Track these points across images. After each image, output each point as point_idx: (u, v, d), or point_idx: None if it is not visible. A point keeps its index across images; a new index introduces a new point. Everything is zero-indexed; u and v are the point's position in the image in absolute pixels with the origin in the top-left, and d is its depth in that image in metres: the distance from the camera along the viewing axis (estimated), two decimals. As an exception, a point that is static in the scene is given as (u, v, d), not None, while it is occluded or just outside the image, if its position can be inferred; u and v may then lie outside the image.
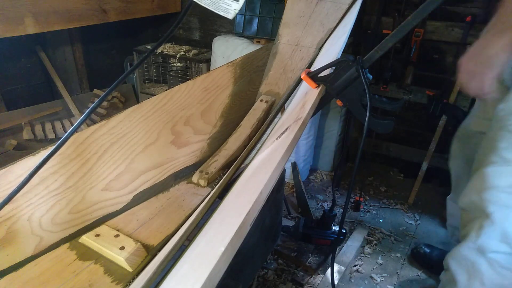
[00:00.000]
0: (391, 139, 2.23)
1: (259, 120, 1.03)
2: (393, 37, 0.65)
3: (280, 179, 1.23)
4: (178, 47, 2.79)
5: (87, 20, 2.21)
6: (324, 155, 2.39)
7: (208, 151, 0.98)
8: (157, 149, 0.85)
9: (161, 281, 0.53)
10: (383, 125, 0.70)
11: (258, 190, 0.44)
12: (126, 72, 0.64)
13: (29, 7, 1.87)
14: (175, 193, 0.86)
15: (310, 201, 2.05)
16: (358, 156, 0.78)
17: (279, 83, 1.11)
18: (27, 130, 2.20)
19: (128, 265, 0.64)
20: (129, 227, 0.74)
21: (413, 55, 1.93)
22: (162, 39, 0.70)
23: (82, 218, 0.72)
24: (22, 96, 2.40)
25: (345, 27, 0.96)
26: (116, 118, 0.77)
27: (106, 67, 2.84)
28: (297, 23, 1.14)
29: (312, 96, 0.71)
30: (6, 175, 0.62)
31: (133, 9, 2.48)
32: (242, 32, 2.38)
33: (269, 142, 0.76)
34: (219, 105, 1.01)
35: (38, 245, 0.66)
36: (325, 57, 0.91)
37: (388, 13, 2.00)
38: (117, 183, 0.78)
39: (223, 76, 1.01)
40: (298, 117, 0.66)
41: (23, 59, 2.38)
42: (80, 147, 0.71)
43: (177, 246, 0.61)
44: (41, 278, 0.61)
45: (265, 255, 1.50)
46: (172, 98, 0.88)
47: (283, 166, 0.54)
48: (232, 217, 0.45)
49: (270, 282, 1.49)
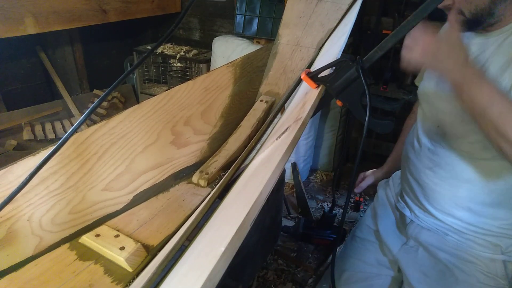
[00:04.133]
0: (391, 139, 2.23)
1: (259, 120, 1.03)
2: (393, 37, 0.65)
3: (280, 179, 1.23)
4: (178, 48, 2.79)
5: (87, 21, 2.21)
6: (324, 155, 2.39)
7: (208, 151, 0.98)
8: (157, 149, 0.85)
9: (161, 281, 0.53)
10: (383, 125, 0.70)
11: (258, 190, 0.44)
12: (126, 72, 0.64)
13: (29, 7, 1.88)
14: (175, 193, 0.86)
15: (310, 201, 2.05)
16: (358, 156, 0.78)
17: (279, 83, 1.11)
18: (27, 131, 2.20)
19: (128, 265, 0.64)
20: (129, 227, 0.74)
21: (413, 55, 1.93)
22: (162, 38, 0.70)
23: (82, 218, 0.73)
24: (22, 96, 2.41)
25: (345, 28, 0.96)
26: (116, 118, 0.77)
27: (106, 67, 2.84)
28: (297, 24, 1.14)
29: (312, 96, 0.71)
30: (6, 175, 0.62)
31: (133, 9, 2.48)
32: (242, 33, 2.38)
33: (269, 142, 0.76)
34: (219, 105, 1.01)
35: (38, 245, 0.66)
36: (325, 58, 0.91)
37: (388, 13, 2.00)
38: (117, 183, 0.78)
39: (223, 76, 1.01)
40: (298, 117, 0.66)
41: (23, 59, 2.38)
42: (80, 147, 0.71)
43: (177, 246, 0.61)
44: (41, 278, 0.61)
45: (265, 255, 1.50)
46: (172, 99, 0.88)
47: (283, 166, 0.54)
48: (232, 217, 0.45)
49: (270, 282, 1.49)
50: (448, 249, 0.98)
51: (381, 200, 1.22)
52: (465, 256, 0.95)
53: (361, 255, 1.18)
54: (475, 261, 0.94)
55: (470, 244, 0.95)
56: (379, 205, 1.22)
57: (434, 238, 1.01)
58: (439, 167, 0.95)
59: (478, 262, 0.93)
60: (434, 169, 0.96)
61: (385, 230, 1.15)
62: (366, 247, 1.18)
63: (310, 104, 0.67)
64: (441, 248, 0.99)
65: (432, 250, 1.01)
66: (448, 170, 0.93)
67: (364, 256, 1.17)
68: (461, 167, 0.90)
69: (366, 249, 1.18)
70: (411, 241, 1.07)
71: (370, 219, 1.23)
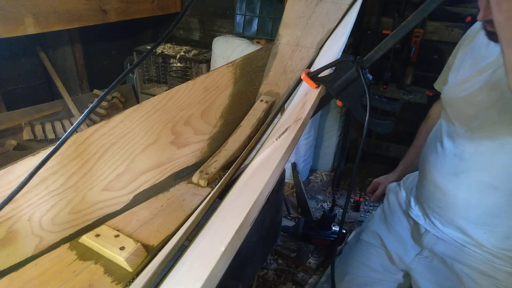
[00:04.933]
0: (391, 139, 2.23)
1: (259, 120, 1.03)
2: (393, 37, 0.65)
3: (280, 179, 1.23)
4: (178, 48, 2.79)
5: (87, 21, 2.21)
6: (324, 155, 2.39)
7: (208, 151, 0.98)
8: (157, 149, 0.85)
9: (161, 281, 0.53)
10: (383, 125, 0.70)
11: (258, 190, 0.44)
12: (125, 72, 0.64)
13: (29, 7, 1.87)
14: (175, 193, 0.86)
15: (310, 201, 2.05)
16: (358, 156, 0.77)
17: (279, 84, 1.11)
18: (27, 131, 2.20)
19: (128, 265, 0.64)
20: (129, 227, 0.74)
21: (413, 55, 1.93)
22: (161, 38, 0.70)
23: (82, 218, 0.73)
24: (22, 97, 2.40)
25: (345, 28, 0.96)
26: (116, 118, 0.77)
27: (106, 67, 2.84)
28: (297, 24, 1.14)
29: (312, 96, 0.71)
30: (6, 175, 0.62)
31: (133, 9, 2.48)
32: (242, 33, 2.38)
33: (269, 142, 0.76)
34: (219, 105, 1.01)
35: (38, 245, 0.66)
36: (325, 58, 0.91)
37: (388, 14, 2.00)
38: (117, 183, 0.78)
39: (223, 76, 1.01)
40: (298, 117, 0.66)
41: (23, 60, 2.38)
42: (80, 147, 0.71)
43: (177, 246, 0.61)
44: (41, 278, 0.61)
45: (265, 255, 1.50)
46: (172, 99, 0.88)
47: (283, 166, 0.54)
48: (232, 217, 0.45)
49: (270, 282, 1.49)
50: (465, 260, 0.95)
51: (393, 206, 1.18)
52: (482, 269, 0.92)
53: (365, 259, 1.16)
54: (493, 275, 0.91)
55: (489, 257, 0.92)
56: (390, 211, 1.18)
57: (450, 249, 0.98)
58: (466, 173, 0.90)
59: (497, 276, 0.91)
60: (461, 175, 0.91)
61: (398, 238, 1.12)
62: (371, 251, 1.16)
63: (310, 104, 0.67)
64: (458, 260, 0.96)
65: (448, 261, 0.98)
66: (476, 176, 0.89)
67: (368, 261, 1.15)
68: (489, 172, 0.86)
69: (371, 253, 1.16)
70: (426, 251, 1.04)
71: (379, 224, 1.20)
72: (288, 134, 0.62)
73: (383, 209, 1.23)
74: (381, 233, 1.17)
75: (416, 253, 1.07)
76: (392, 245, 1.13)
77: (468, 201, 0.91)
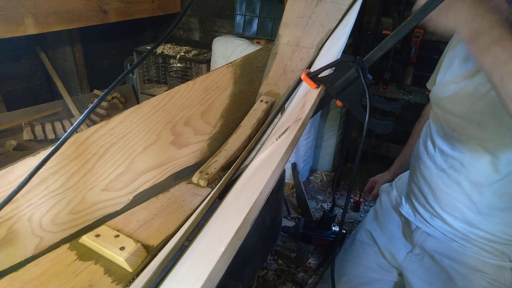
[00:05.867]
0: (391, 140, 2.23)
1: (259, 120, 1.03)
2: (393, 38, 0.65)
3: (280, 179, 1.23)
4: (178, 48, 2.79)
5: (87, 21, 2.21)
6: (324, 155, 2.39)
7: (208, 151, 0.98)
8: (157, 149, 0.85)
9: (161, 281, 0.53)
10: (382, 126, 0.70)
11: (258, 191, 0.44)
12: (125, 72, 0.64)
13: (29, 7, 1.87)
14: (175, 193, 0.86)
15: (310, 201, 2.05)
16: (358, 156, 0.78)
17: (279, 84, 1.11)
18: (27, 131, 2.20)
19: (128, 265, 0.64)
20: (129, 227, 0.74)
21: (413, 55, 1.93)
22: (161, 39, 0.70)
23: (82, 219, 0.73)
24: (22, 97, 2.40)
25: (345, 28, 0.96)
26: (116, 118, 0.77)
27: (106, 68, 2.84)
28: (297, 24, 1.14)
29: (312, 96, 0.71)
30: (6, 175, 0.62)
31: (133, 9, 2.48)
32: (242, 33, 2.38)
33: (269, 142, 0.76)
34: (219, 105, 1.01)
35: (38, 245, 0.66)
36: (325, 58, 0.91)
37: (388, 14, 2.00)
38: (117, 183, 0.78)
39: (223, 76, 1.01)
40: (298, 118, 0.66)
41: (23, 60, 2.38)
42: (80, 148, 0.71)
43: (177, 247, 0.61)
44: (41, 279, 0.61)
45: (265, 255, 1.50)
46: (172, 99, 0.88)
47: (283, 167, 0.54)
48: (232, 217, 0.45)
49: (270, 283, 1.49)
50: (453, 256, 0.97)
51: (385, 206, 1.21)
52: (471, 263, 0.94)
53: (361, 259, 1.17)
54: (482, 269, 0.92)
55: (477, 251, 0.93)
56: (382, 211, 1.20)
57: (440, 245, 1.00)
58: (453, 169, 0.94)
59: (486, 270, 0.92)
60: (448, 171, 0.95)
61: (390, 237, 1.14)
62: (366, 250, 1.17)
63: (310, 104, 0.67)
64: (447, 255, 0.98)
65: (437, 258, 1.00)
66: (463, 173, 0.92)
67: (364, 260, 1.16)
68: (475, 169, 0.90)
69: (367, 253, 1.17)
70: (417, 249, 1.05)
71: (372, 223, 1.22)
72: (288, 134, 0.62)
73: (376, 209, 1.25)
74: (374, 232, 1.19)
75: (407, 251, 1.08)
76: (385, 244, 1.14)
77: (455, 197, 0.94)
